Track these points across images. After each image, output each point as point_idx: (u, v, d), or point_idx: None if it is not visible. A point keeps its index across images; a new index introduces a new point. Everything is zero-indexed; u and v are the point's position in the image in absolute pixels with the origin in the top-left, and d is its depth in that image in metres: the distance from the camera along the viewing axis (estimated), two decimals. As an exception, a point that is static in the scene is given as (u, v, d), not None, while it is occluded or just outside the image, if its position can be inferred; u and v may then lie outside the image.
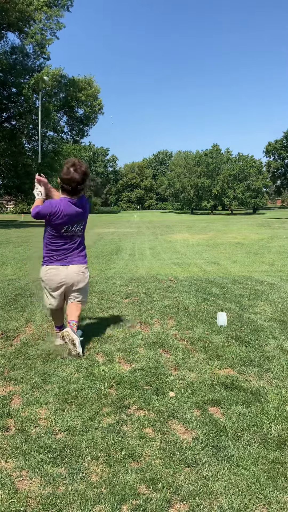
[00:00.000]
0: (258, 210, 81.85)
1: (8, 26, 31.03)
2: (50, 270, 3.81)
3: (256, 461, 2.14)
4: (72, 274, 3.82)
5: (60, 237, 3.77)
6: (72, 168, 3.61)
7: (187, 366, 3.39)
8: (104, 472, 2.07)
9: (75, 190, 3.68)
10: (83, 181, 3.67)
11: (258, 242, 15.61)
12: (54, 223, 3.68)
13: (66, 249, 3.83)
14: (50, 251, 3.83)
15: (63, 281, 3.81)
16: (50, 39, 34.08)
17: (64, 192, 3.73)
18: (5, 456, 2.22)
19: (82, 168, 3.65)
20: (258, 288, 6.60)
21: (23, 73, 32.10)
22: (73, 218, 3.73)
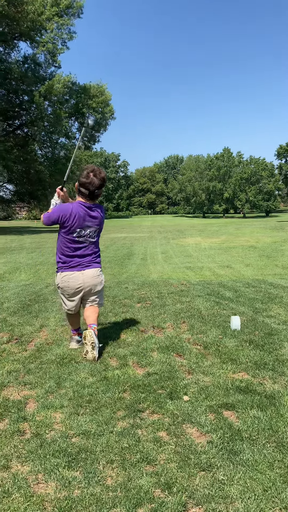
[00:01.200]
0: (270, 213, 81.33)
1: (20, 35, 31.45)
2: (66, 277, 3.83)
3: (272, 465, 2.13)
4: (89, 279, 3.85)
5: (73, 242, 3.80)
6: (92, 174, 3.71)
7: (201, 370, 3.38)
8: (119, 476, 2.08)
9: (93, 194, 3.76)
10: (101, 187, 3.76)
11: (271, 245, 15.50)
12: (66, 226, 3.72)
13: (80, 255, 3.85)
14: (63, 257, 3.86)
15: (80, 286, 3.84)
16: (62, 48, 34.50)
17: (81, 195, 3.79)
18: (21, 459, 2.24)
19: (101, 174, 3.76)
20: (272, 291, 6.55)
21: (34, 81, 32.48)
22: (85, 222, 3.76)
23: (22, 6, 27.73)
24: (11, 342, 4.30)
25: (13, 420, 2.65)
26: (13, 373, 3.43)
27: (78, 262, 3.85)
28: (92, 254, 3.94)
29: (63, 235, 3.80)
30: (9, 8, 26.41)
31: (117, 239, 20.87)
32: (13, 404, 2.87)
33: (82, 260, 3.86)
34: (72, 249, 3.83)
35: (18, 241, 20.89)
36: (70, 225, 3.72)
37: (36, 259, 12.43)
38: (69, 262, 3.84)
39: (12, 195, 43.64)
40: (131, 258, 12.38)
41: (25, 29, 29.54)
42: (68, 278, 3.82)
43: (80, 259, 3.86)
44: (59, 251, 3.90)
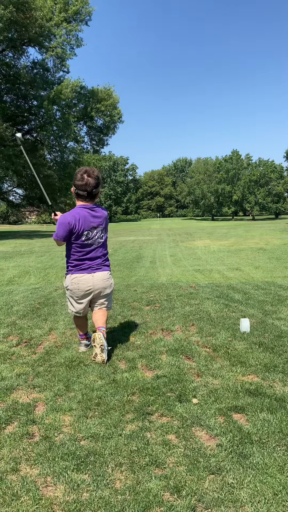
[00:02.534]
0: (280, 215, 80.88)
1: (29, 41, 31.72)
2: (76, 279, 3.83)
3: (282, 468, 2.10)
4: (99, 281, 3.85)
5: (83, 246, 3.80)
6: (85, 174, 3.71)
7: (210, 373, 3.36)
8: (128, 479, 2.07)
9: (91, 194, 3.76)
10: (97, 185, 3.76)
11: (281, 247, 15.40)
12: (74, 232, 3.72)
13: (90, 258, 3.85)
14: (74, 261, 3.86)
15: (90, 289, 3.83)
16: (70, 54, 34.75)
17: (80, 199, 3.80)
18: (30, 462, 2.24)
19: (95, 173, 3.76)
20: (282, 294, 6.51)
21: (43, 86, 32.74)
22: (91, 223, 3.76)
23: (30, 12, 28.00)
24: (21, 345, 4.32)
25: (22, 423, 2.65)
26: (22, 376, 3.44)
27: (89, 265, 3.85)
28: (101, 257, 3.94)
29: (72, 241, 3.80)
30: (17, 14, 26.67)
31: (126, 242, 20.89)
32: (22, 407, 2.87)
33: (93, 262, 3.87)
34: (82, 253, 3.82)
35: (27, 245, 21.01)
36: (78, 229, 3.72)
37: (45, 263, 12.48)
38: (80, 265, 3.84)
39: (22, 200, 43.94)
40: (140, 261, 12.37)
41: (33, 35, 29.81)
42: (78, 280, 3.82)
43: (91, 261, 3.86)
44: (69, 256, 3.90)
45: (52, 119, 33.43)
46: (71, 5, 33.58)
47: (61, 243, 3.85)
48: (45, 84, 33.23)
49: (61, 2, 32.97)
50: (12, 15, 25.98)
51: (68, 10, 33.43)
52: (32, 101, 34.14)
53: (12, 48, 31.87)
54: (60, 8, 33.05)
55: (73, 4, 33.59)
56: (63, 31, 33.64)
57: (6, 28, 26.87)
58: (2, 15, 25.29)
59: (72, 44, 34.79)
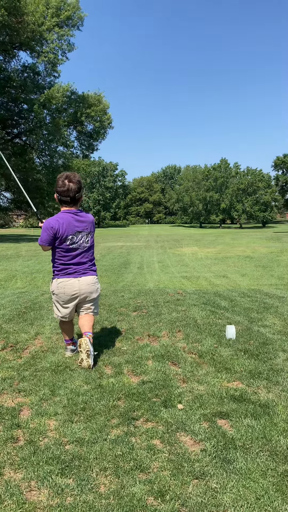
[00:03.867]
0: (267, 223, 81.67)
1: (20, 45, 31.73)
2: (62, 283, 3.83)
3: (265, 473, 2.13)
4: (85, 286, 3.85)
5: (68, 250, 3.80)
6: (66, 180, 3.73)
7: (195, 379, 3.39)
8: (112, 484, 2.07)
9: (74, 199, 3.78)
10: (79, 190, 3.78)
11: (267, 256, 15.55)
12: (58, 236, 3.73)
13: (76, 263, 3.86)
14: (59, 265, 3.86)
15: (76, 293, 3.83)
16: (62, 59, 34.82)
17: (63, 205, 3.82)
18: (14, 466, 2.23)
19: (76, 177, 3.78)
20: (267, 301, 6.57)
21: (34, 90, 32.70)
22: (75, 228, 3.77)
23: (22, 17, 28.02)
24: (6, 349, 4.30)
25: (6, 427, 2.64)
26: (7, 380, 3.43)
27: (75, 269, 3.85)
28: (88, 262, 3.94)
29: (57, 246, 3.80)
30: (9, 18, 26.67)
31: (114, 248, 20.88)
32: (7, 411, 2.86)
33: (79, 267, 3.87)
34: (68, 257, 3.83)
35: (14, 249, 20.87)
36: (61, 233, 3.72)
37: (32, 267, 12.42)
38: (66, 269, 3.84)
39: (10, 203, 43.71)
40: (127, 267, 12.38)
41: (25, 39, 29.83)
42: (64, 285, 3.82)
43: (77, 266, 3.86)
44: (54, 260, 3.91)
45: (42, 123, 33.40)
46: (63, 11, 33.69)
47: (46, 248, 3.85)
48: (35, 88, 33.23)
49: (53, 7, 33.05)
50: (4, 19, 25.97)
51: (60, 15, 33.53)
52: (22, 104, 34.07)
53: (3, 52, 31.82)
54: (52, 13, 33.12)
55: (65, 10, 33.71)
56: (55, 36, 33.72)
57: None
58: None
59: (64, 49, 34.91)
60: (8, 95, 33.17)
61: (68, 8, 33.72)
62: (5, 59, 33.67)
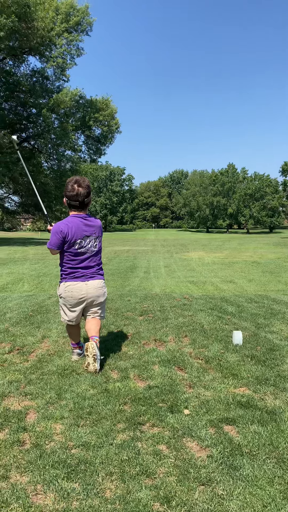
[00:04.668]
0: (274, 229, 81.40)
1: (30, 50, 31.98)
2: (70, 287, 3.85)
3: (272, 481, 2.12)
4: (92, 290, 3.86)
5: (76, 254, 3.82)
6: (76, 185, 3.75)
7: (202, 384, 3.37)
8: (118, 488, 2.07)
9: (83, 204, 3.81)
10: (88, 194, 3.81)
11: (275, 261, 15.49)
12: (67, 240, 3.76)
13: (84, 267, 3.88)
14: (67, 269, 3.88)
15: (83, 297, 3.85)
16: (70, 64, 35.07)
17: (72, 209, 3.85)
18: (20, 470, 2.24)
19: (85, 182, 3.81)
20: (274, 307, 6.55)
21: (42, 95, 32.93)
22: (83, 232, 3.80)
23: (32, 22, 28.27)
24: (13, 352, 4.31)
25: (13, 430, 2.65)
26: (14, 383, 3.44)
27: (83, 273, 3.87)
28: (95, 266, 3.96)
29: (65, 250, 3.83)
30: (19, 24, 26.92)
31: (120, 252, 20.91)
32: (13, 414, 2.87)
33: (86, 271, 3.89)
34: (76, 261, 3.85)
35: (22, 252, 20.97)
36: (70, 237, 3.75)
37: (39, 270, 12.47)
38: (73, 272, 3.87)
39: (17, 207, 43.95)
40: (134, 271, 12.39)
41: (34, 44, 30.06)
42: (72, 288, 3.84)
43: (84, 270, 3.88)
44: (62, 264, 3.93)
45: (50, 127, 33.59)
46: (72, 16, 33.93)
47: (55, 251, 3.88)
48: (44, 92, 33.44)
49: (63, 13, 33.32)
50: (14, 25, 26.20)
51: (69, 20, 33.78)
52: (31, 109, 34.32)
53: (13, 57, 32.11)
54: (62, 19, 33.39)
55: (74, 15, 33.96)
56: (64, 41, 33.96)
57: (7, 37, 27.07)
58: (4, 24, 25.51)
59: (73, 53, 35.11)
60: (17, 100, 33.44)
61: (77, 14, 33.97)
62: (15, 64, 33.99)
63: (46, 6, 30.84)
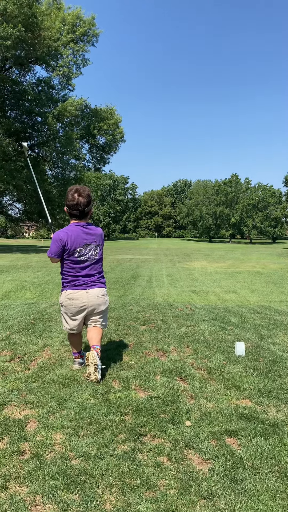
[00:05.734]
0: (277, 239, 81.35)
1: (36, 59, 32.32)
2: (71, 295, 3.85)
3: (274, 495, 2.09)
4: (93, 298, 3.85)
5: (76, 262, 3.82)
6: (76, 194, 3.77)
7: (204, 396, 3.35)
8: (118, 501, 2.04)
9: (83, 213, 3.83)
10: (88, 204, 3.82)
11: (278, 272, 15.45)
12: (67, 248, 3.77)
13: (85, 275, 3.87)
14: (68, 277, 3.89)
15: (84, 305, 3.84)
16: (76, 73, 35.41)
17: (73, 218, 3.87)
18: (20, 480, 2.21)
19: (86, 191, 3.82)
20: (277, 318, 6.51)
21: (48, 103, 33.20)
22: (83, 240, 3.80)
23: (39, 32, 28.60)
24: (14, 360, 4.29)
25: (13, 440, 2.62)
26: (15, 391, 3.42)
27: (84, 281, 3.87)
28: (96, 274, 3.95)
29: (65, 258, 3.84)
30: (26, 34, 27.22)
31: (123, 261, 20.90)
32: (13, 423, 2.85)
33: (87, 279, 3.89)
34: (76, 269, 3.85)
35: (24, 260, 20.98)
36: (70, 246, 3.77)
37: (41, 278, 12.47)
38: (74, 281, 3.87)
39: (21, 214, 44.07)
40: (136, 280, 12.37)
41: (41, 54, 30.39)
42: (73, 296, 3.84)
43: (85, 278, 3.88)
44: (63, 273, 3.94)
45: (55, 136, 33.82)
46: (79, 27, 34.33)
47: (55, 259, 3.89)
48: (49, 101, 33.72)
49: (69, 24, 33.73)
50: (21, 34, 26.50)
51: (76, 31, 34.17)
52: (36, 117, 34.57)
53: (19, 66, 32.44)
54: (68, 29, 33.78)
55: (81, 26, 34.36)
56: (70, 51, 34.33)
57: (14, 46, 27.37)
58: (11, 33, 25.81)
59: (79, 63, 35.47)
60: (23, 108, 33.69)
61: (83, 25, 34.37)
62: (21, 72, 34.32)
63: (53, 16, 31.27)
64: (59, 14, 32.63)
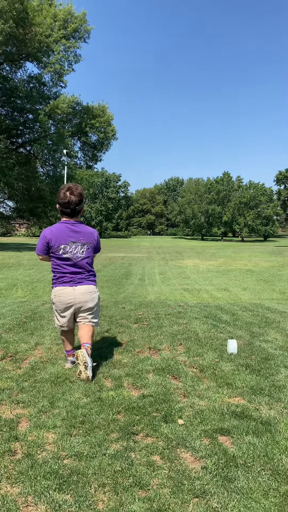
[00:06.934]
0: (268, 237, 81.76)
1: (27, 56, 32.12)
2: (59, 291, 3.85)
3: (267, 493, 2.09)
4: (80, 295, 3.84)
5: (61, 259, 3.82)
6: (68, 192, 3.76)
7: (196, 394, 3.34)
8: (111, 501, 2.03)
9: (74, 211, 3.82)
10: (80, 202, 3.81)
11: (269, 270, 15.52)
12: (51, 245, 3.79)
13: (71, 272, 3.86)
14: (56, 274, 3.90)
15: (71, 302, 3.83)
16: (68, 70, 35.23)
17: (64, 215, 3.86)
18: (11, 480, 2.19)
19: (78, 190, 3.81)
20: (269, 316, 6.54)
21: (39, 101, 33.02)
22: (68, 238, 3.78)
23: (30, 28, 28.41)
24: (5, 359, 4.26)
25: (4, 439, 2.60)
26: (6, 390, 3.39)
27: (71, 278, 3.87)
28: (84, 272, 3.92)
29: (51, 255, 3.86)
30: (17, 30, 27.04)
31: (115, 259, 20.87)
32: (5, 422, 2.82)
33: (74, 276, 3.88)
34: (62, 266, 3.85)
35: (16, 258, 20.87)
36: (54, 243, 3.78)
37: (33, 276, 12.41)
38: (62, 277, 3.88)
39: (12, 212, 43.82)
40: (129, 278, 12.36)
41: (32, 50, 30.21)
42: (60, 293, 3.84)
43: (72, 275, 3.87)
44: (52, 270, 3.95)
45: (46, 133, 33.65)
46: (70, 23, 34.16)
47: (42, 256, 3.92)
48: (41, 98, 33.54)
49: (61, 20, 33.53)
50: (12, 30, 26.33)
51: (67, 27, 33.99)
52: (27, 114, 34.39)
53: (10, 62, 32.21)
54: (60, 26, 33.58)
55: (72, 22, 34.19)
56: (62, 47, 34.15)
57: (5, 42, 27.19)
58: (2, 29, 25.61)
59: (70, 60, 35.34)
60: (14, 105, 33.49)
61: (75, 21, 34.20)
62: (12, 69, 34.12)
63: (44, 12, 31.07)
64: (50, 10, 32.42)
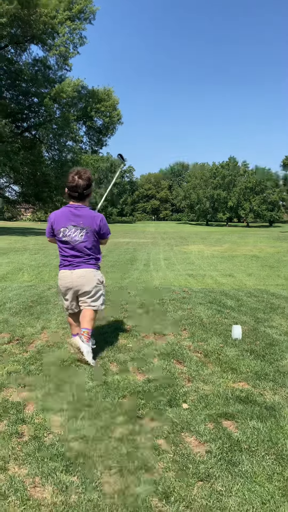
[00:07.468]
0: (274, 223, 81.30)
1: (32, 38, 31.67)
2: (60, 274, 3.92)
3: (271, 477, 2.11)
4: (76, 279, 3.84)
5: (62, 243, 3.85)
6: (76, 176, 3.77)
7: (201, 378, 3.37)
8: (117, 483, 2.06)
9: (82, 195, 3.82)
10: (88, 186, 3.82)
11: (274, 256, 15.48)
12: (53, 228, 3.86)
13: (71, 255, 3.86)
14: (61, 257, 3.96)
15: (69, 285, 3.86)
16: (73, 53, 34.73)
17: (71, 199, 3.87)
18: (19, 462, 2.23)
19: (86, 174, 3.81)
20: (274, 302, 6.54)
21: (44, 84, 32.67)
22: (69, 221, 3.78)
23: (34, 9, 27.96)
24: (12, 342, 4.30)
25: (11, 422, 2.64)
26: (13, 374, 3.43)
27: (70, 262, 3.89)
28: (84, 256, 3.87)
29: (56, 238, 3.91)
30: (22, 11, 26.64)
31: (120, 244, 20.87)
32: (12, 405, 2.86)
33: (73, 260, 3.89)
34: (64, 249, 3.89)
35: (22, 242, 20.93)
36: (55, 226, 3.83)
37: (39, 261, 12.45)
38: (63, 261, 3.93)
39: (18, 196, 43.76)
40: (133, 264, 12.37)
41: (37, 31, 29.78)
42: (61, 276, 3.91)
43: (72, 259, 3.89)
44: (59, 252, 3.98)
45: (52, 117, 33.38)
46: (75, 4, 33.52)
47: (50, 239, 4.01)
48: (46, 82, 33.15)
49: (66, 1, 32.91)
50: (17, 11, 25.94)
51: (72, 8, 33.35)
52: (32, 98, 34.04)
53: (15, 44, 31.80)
54: (65, 7, 32.95)
55: (77, 3, 33.54)
56: (67, 29, 33.58)
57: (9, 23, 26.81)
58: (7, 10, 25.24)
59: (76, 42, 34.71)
60: (19, 89, 33.15)
61: (80, 2, 33.57)
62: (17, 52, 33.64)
63: (49, -8, 30.48)
64: (55, -10, 31.82)
